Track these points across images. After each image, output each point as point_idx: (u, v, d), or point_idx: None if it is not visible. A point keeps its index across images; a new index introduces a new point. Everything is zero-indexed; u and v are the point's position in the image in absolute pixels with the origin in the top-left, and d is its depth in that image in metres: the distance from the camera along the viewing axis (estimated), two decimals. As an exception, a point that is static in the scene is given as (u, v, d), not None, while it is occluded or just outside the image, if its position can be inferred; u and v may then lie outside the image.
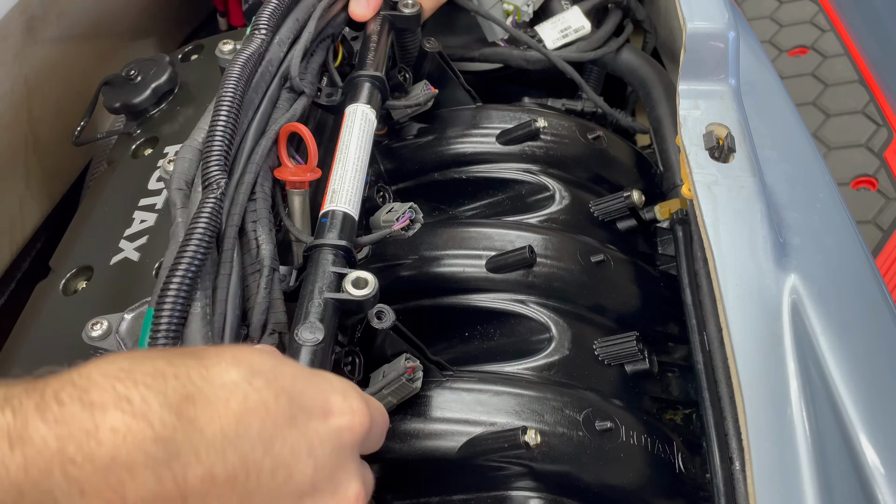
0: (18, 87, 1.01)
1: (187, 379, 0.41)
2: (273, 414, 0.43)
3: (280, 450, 0.42)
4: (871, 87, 1.29)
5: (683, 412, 0.76)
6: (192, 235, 0.58)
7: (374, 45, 0.85)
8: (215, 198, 0.62)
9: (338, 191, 0.70)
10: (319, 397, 0.47)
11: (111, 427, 0.37)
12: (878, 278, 0.70)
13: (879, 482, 0.56)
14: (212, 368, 0.43)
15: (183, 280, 0.56)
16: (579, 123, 0.94)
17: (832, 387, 0.60)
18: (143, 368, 0.40)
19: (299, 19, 0.80)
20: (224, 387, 0.42)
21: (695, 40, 0.82)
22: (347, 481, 0.46)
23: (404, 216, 0.75)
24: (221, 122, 0.66)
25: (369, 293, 0.62)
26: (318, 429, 0.45)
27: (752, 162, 0.74)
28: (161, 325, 0.54)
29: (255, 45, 0.74)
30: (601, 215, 0.86)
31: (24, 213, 1.08)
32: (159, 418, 0.38)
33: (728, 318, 0.64)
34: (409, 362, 0.64)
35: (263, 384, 0.43)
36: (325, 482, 0.45)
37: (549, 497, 0.64)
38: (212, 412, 0.40)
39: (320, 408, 0.46)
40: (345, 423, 0.47)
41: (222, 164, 0.64)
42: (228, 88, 0.68)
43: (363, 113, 0.77)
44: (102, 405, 0.38)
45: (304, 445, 0.44)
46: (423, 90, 0.89)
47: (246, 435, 0.41)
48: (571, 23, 1.08)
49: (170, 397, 0.39)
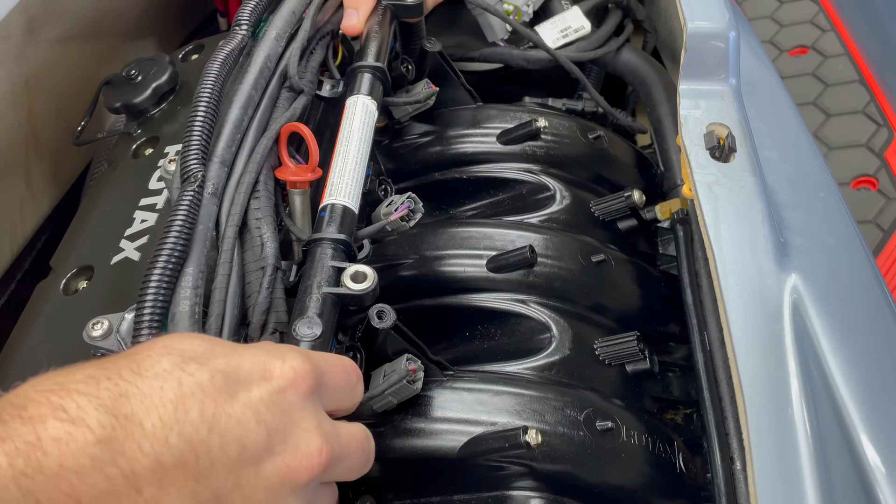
0: (18, 87, 1.01)
1: (119, 378, 0.42)
2: (210, 393, 0.43)
3: (226, 424, 0.43)
4: (871, 86, 1.29)
5: (684, 412, 0.76)
6: (169, 230, 0.59)
7: (375, 36, 0.84)
8: (192, 191, 0.62)
9: (337, 184, 0.69)
10: (257, 367, 0.47)
11: (52, 437, 0.38)
12: (878, 278, 0.70)
13: (880, 482, 0.56)
14: (142, 363, 0.43)
15: (162, 275, 0.56)
16: (580, 123, 0.94)
17: (833, 386, 0.60)
18: (75, 377, 0.41)
19: (296, 12, 0.80)
20: (157, 377, 0.43)
21: (695, 40, 0.82)
22: (307, 437, 0.47)
23: (402, 206, 0.74)
24: (200, 116, 0.66)
25: (368, 287, 0.61)
26: (262, 395, 0.46)
27: (752, 162, 0.74)
28: (143, 323, 0.55)
29: (236, 41, 0.74)
30: (602, 215, 0.86)
31: (24, 213, 1.08)
32: (97, 420, 0.39)
33: (729, 317, 0.64)
34: (411, 364, 0.64)
35: (196, 367, 0.44)
36: (281, 443, 0.45)
37: (550, 497, 0.64)
38: (147, 404, 0.41)
39: (259, 375, 0.47)
40: (287, 383, 0.47)
41: (200, 157, 0.65)
42: (207, 83, 0.69)
43: (364, 104, 0.77)
44: (41, 417, 0.39)
45: (251, 415, 0.44)
46: (424, 88, 0.89)
47: (186, 419, 0.42)
48: (571, 23, 1.08)
49: (103, 399, 0.40)
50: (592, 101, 1.08)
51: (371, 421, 0.67)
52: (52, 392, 0.40)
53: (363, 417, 0.67)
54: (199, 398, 0.43)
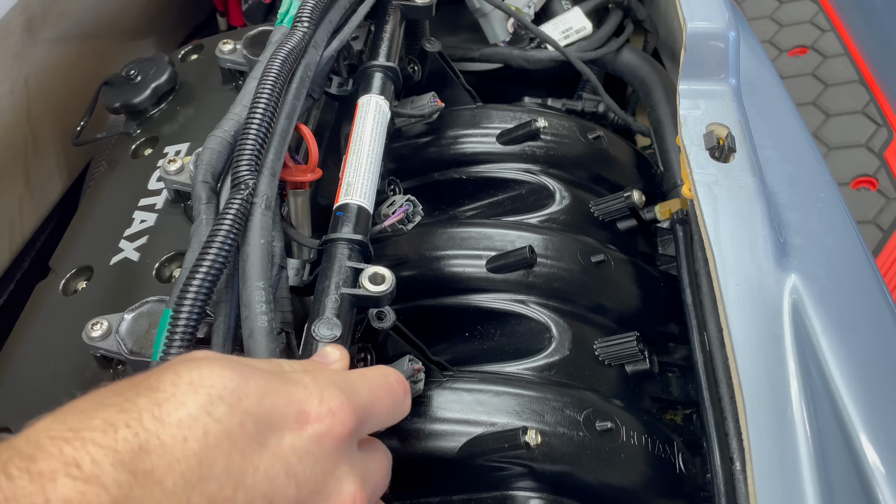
0: (18, 87, 1.01)
1: (139, 425, 0.38)
2: (239, 443, 0.40)
3: (253, 480, 0.40)
4: (871, 86, 1.29)
5: (684, 412, 0.76)
6: (214, 238, 0.56)
7: (386, 36, 0.84)
8: (241, 199, 0.59)
9: (352, 183, 0.69)
10: (292, 408, 0.43)
11: (63, 498, 0.35)
12: (878, 278, 0.70)
13: (880, 482, 0.56)
14: (165, 405, 0.39)
15: (203, 282, 0.54)
16: (579, 123, 0.94)
17: (832, 387, 0.60)
18: (92, 424, 0.38)
19: (333, 21, 0.78)
20: (181, 425, 0.39)
21: (695, 40, 0.82)
22: (339, 485, 0.44)
23: (401, 208, 0.74)
24: (257, 119, 0.63)
25: (386, 289, 0.61)
26: (294, 444, 0.42)
27: (752, 162, 0.74)
28: (176, 334, 0.52)
29: (297, 38, 0.71)
30: (601, 215, 0.86)
31: (23, 213, 1.08)
32: (113, 479, 0.36)
33: (728, 317, 0.64)
34: (414, 364, 0.64)
35: (225, 411, 0.40)
36: (313, 496, 0.43)
37: (550, 497, 0.64)
38: (169, 459, 0.38)
39: (294, 419, 0.43)
40: (324, 429, 0.44)
41: (253, 165, 0.62)
42: (268, 82, 0.65)
43: (377, 104, 0.77)
44: (52, 474, 0.35)
45: (280, 468, 0.41)
46: (430, 102, 0.88)
47: (210, 475, 0.38)
48: (573, 23, 1.08)
49: (121, 453, 0.37)
50: (592, 101, 1.08)
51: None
52: (66, 441, 0.36)
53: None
54: (226, 449, 0.39)
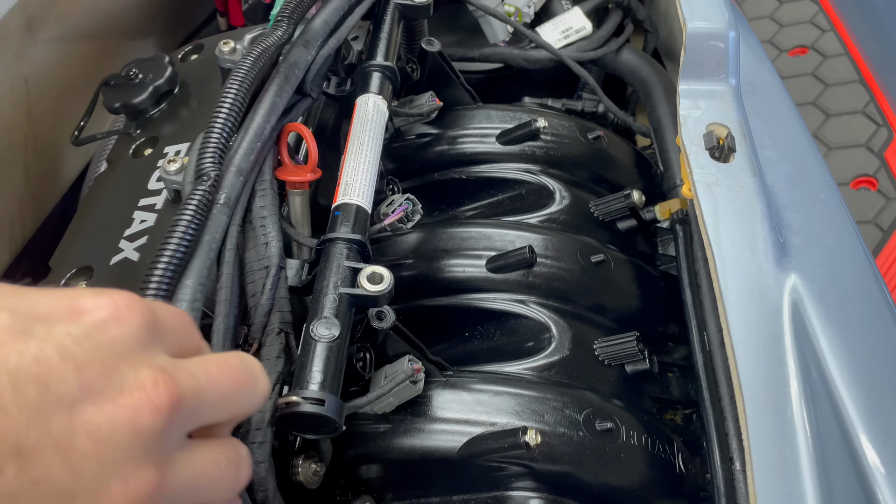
0: (18, 87, 1.01)
1: None
2: None
3: (17, 362, 0.36)
4: (871, 87, 1.29)
5: (683, 412, 0.76)
6: (172, 232, 0.57)
7: (384, 35, 0.84)
8: (202, 191, 0.60)
9: (351, 183, 0.69)
10: (60, 303, 0.40)
11: None
12: (878, 278, 0.70)
13: (879, 482, 0.56)
14: None
15: (161, 281, 0.55)
16: (579, 123, 0.94)
17: (832, 387, 0.60)
18: None
19: (329, 22, 0.78)
20: None
21: (695, 40, 0.82)
22: (136, 371, 0.39)
23: (400, 207, 0.74)
24: (223, 113, 0.65)
25: (384, 289, 0.61)
26: (69, 330, 0.39)
27: (752, 162, 0.74)
28: None
29: (274, 38, 0.72)
30: (601, 215, 0.86)
31: (23, 213, 1.08)
32: None
33: (728, 318, 0.64)
34: (415, 364, 0.64)
35: None
36: (101, 379, 0.38)
37: (550, 497, 0.64)
38: None
39: (65, 312, 0.40)
40: (107, 315, 0.40)
41: (217, 157, 0.63)
42: (235, 81, 0.67)
43: (375, 104, 0.77)
44: None
45: (52, 350, 0.37)
46: (428, 101, 0.88)
47: None
48: (573, 23, 1.08)
49: None
50: (592, 101, 1.08)
51: (371, 421, 0.67)
52: None
53: (363, 418, 0.67)
54: None
